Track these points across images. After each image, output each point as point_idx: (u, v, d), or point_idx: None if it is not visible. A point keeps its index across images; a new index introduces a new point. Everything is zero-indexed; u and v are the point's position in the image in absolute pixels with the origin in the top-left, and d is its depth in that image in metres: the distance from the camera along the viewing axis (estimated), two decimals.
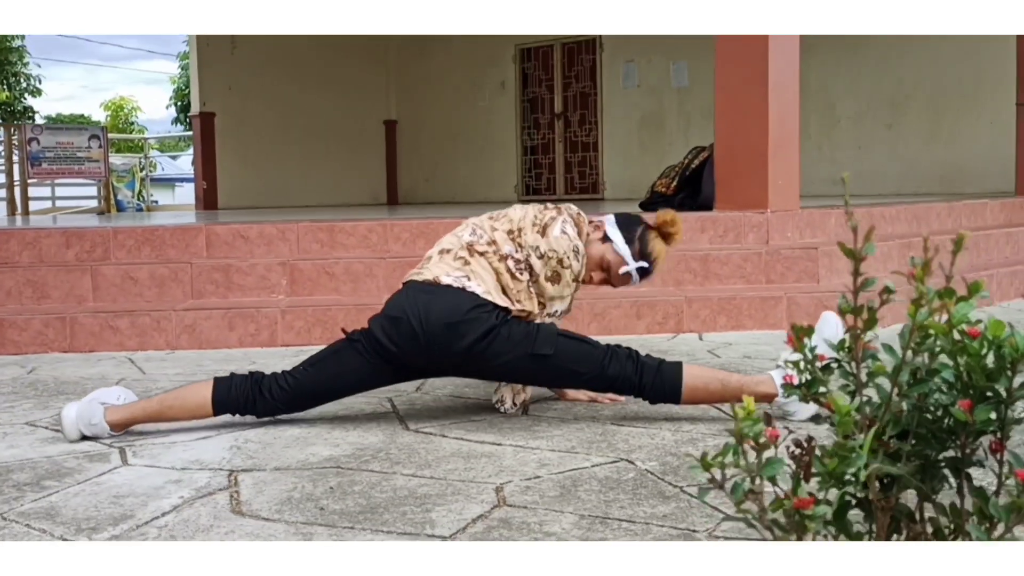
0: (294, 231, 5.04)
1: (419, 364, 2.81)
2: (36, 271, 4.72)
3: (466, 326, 2.71)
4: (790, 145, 5.27)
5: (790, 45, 5.24)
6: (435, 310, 2.73)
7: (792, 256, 4.87)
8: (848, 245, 1.22)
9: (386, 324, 2.78)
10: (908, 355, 1.11)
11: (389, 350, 2.76)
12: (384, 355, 2.78)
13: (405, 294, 2.83)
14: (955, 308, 1.08)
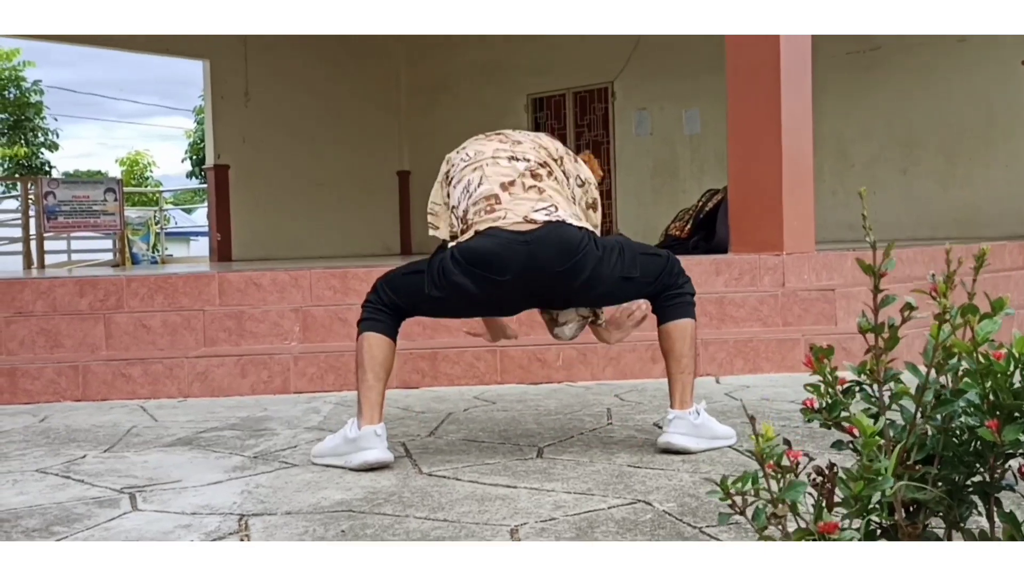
0: (307, 278, 5.03)
1: (513, 298, 2.86)
2: (50, 320, 4.71)
3: (583, 261, 2.76)
4: (804, 186, 5.25)
5: (803, 84, 5.24)
6: (548, 255, 2.73)
7: (809, 298, 4.83)
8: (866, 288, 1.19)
9: (482, 266, 2.75)
10: (932, 375, 1.07)
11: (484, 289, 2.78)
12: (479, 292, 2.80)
13: (503, 241, 2.75)
14: (979, 326, 1.05)
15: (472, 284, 2.76)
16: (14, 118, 18.49)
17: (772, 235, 5.14)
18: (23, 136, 18.37)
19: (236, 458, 3.08)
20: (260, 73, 13.70)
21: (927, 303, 1.15)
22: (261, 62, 13.67)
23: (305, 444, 3.23)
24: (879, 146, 11.37)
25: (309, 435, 3.41)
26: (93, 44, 13.39)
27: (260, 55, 13.63)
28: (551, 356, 4.49)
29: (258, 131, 13.78)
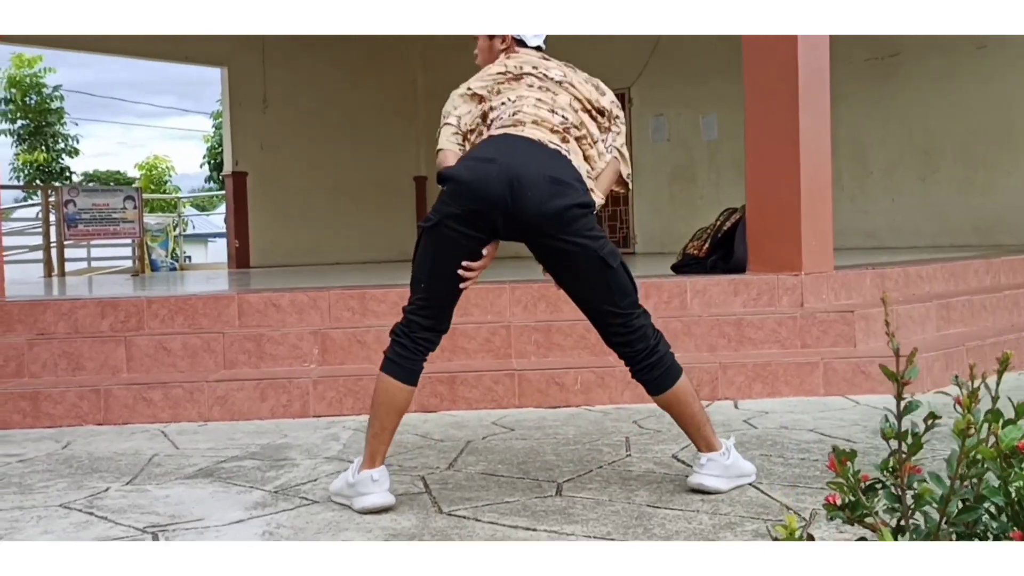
0: (325, 299, 5.04)
1: (495, 220, 2.78)
2: (72, 343, 4.75)
3: (570, 188, 2.78)
4: (823, 206, 5.23)
5: (820, 102, 5.22)
6: (540, 161, 2.77)
7: (828, 320, 4.81)
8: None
9: (474, 166, 2.77)
10: (956, 485, 1.07)
11: (470, 207, 2.74)
12: (465, 217, 2.76)
13: (501, 141, 2.83)
14: (1003, 432, 1.04)
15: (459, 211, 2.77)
16: (35, 124, 18.60)
17: (790, 255, 5.13)
18: (44, 142, 18.48)
19: (257, 492, 3.09)
20: (278, 80, 13.74)
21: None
22: (279, 69, 13.71)
23: (325, 477, 3.24)
24: (898, 152, 11.32)
25: (329, 467, 3.42)
26: (113, 52, 13.46)
27: (278, 62, 13.68)
28: (569, 380, 4.49)
29: (276, 138, 13.83)
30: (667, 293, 5.11)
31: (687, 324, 4.81)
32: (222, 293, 5.08)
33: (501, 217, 2.76)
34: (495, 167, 2.75)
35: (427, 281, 2.85)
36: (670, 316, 4.87)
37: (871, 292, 5.51)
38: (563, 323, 4.79)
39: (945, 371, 4.73)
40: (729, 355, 4.70)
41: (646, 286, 5.10)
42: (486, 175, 2.74)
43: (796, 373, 4.54)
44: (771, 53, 5.16)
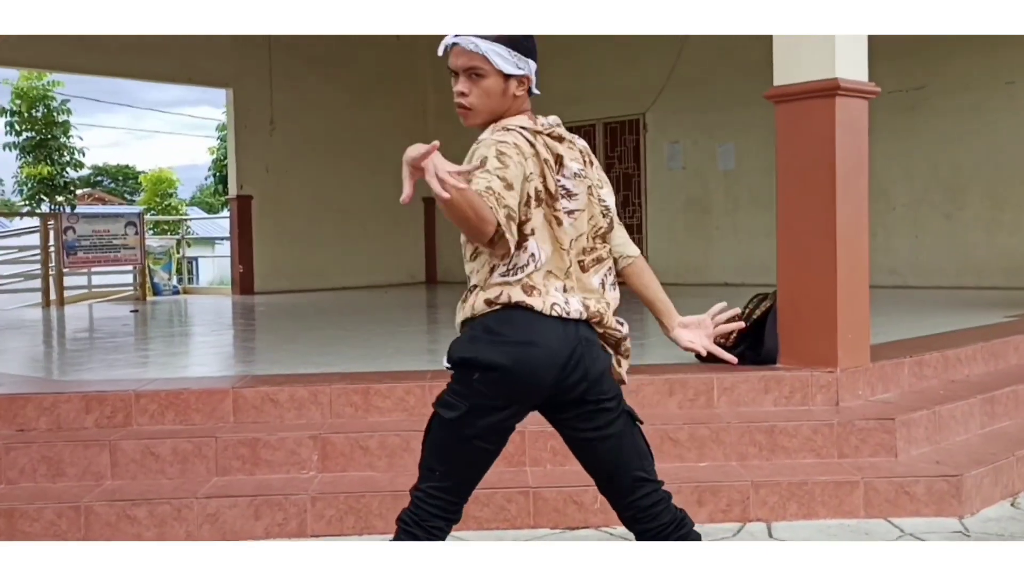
0: (326, 393, 4.71)
1: (538, 402, 2.49)
2: (52, 447, 4.41)
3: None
4: (860, 297, 4.88)
5: (860, 190, 4.87)
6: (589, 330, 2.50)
7: (867, 427, 4.46)
8: None
9: (514, 352, 2.37)
10: None
11: (511, 399, 2.42)
12: (503, 406, 2.42)
13: (538, 320, 2.40)
14: None
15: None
16: (40, 137, 18.29)
17: (825, 349, 4.78)
18: (48, 155, 18.17)
19: None
20: (284, 101, 13.41)
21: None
22: (286, 90, 13.37)
23: None
24: (922, 188, 10.93)
25: None
26: (119, 75, 13.14)
27: (284, 83, 13.34)
28: (588, 499, 4.15)
29: (282, 160, 13.50)
30: (692, 390, 4.76)
31: (716, 431, 4.47)
32: (216, 388, 4.75)
33: (545, 398, 2.46)
34: (541, 352, 2.38)
35: (446, 470, 2.48)
36: (697, 421, 4.52)
37: (909, 383, 5.17)
38: None
39: (995, 486, 4.39)
40: (761, 469, 4.35)
41: (669, 382, 4.76)
42: (532, 364, 2.38)
43: (834, 493, 4.19)
44: (807, 135, 4.81)
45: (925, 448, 4.59)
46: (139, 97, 73.77)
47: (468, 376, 2.40)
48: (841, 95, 4.71)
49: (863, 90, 4.84)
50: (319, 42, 12.96)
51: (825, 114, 4.73)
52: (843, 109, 4.73)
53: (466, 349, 2.42)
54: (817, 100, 4.75)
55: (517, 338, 2.38)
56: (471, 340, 2.43)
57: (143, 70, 12.84)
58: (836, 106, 4.70)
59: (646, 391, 4.74)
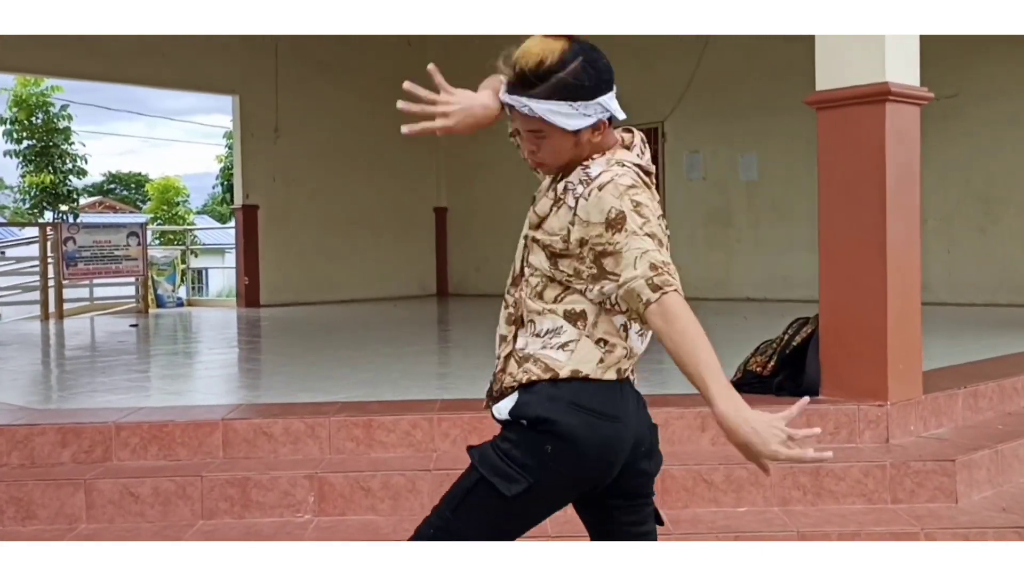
0: (325, 427, 4.29)
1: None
2: (22, 486, 4.01)
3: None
4: (912, 323, 4.44)
5: (911, 204, 4.44)
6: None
7: (924, 470, 4.02)
8: None
9: (598, 424, 2.01)
10: None
11: (585, 477, 2.06)
12: (574, 485, 2.07)
13: (627, 390, 2.12)
14: None
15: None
16: (41, 144, 17.95)
17: (874, 382, 4.34)
18: (50, 163, 17.83)
19: None
20: (291, 108, 13.03)
21: None
22: (292, 96, 13.00)
23: None
24: (955, 201, 10.46)
25: None
26: (125, 81, 12.78)
27: (291, 89, 12.96)
28: None
29: (289, 169, 13.12)
30: None
31: (754, 472, 4.02)
32: (204, 420, 4.33)
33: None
34: (624, 429, 2.05)
35: (470, 535, 2.02)
36: (733, 460, 4.08)
37: (963, 416, 4.73)
38: None
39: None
40: (807, 517, 3.90)
41: (702, 416, 4.32)
42: (616, 441, 2.03)
43: None
44: (854, 144, 4.38)
45: (988, 492, 4.15)
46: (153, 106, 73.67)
47: (539, 444, 1.99)
48: (892, 101, 4.28)
49: (915, 95, 4.41)
50: (326, 47, 12.61)
51: (874, 121, 4.29)
52: (894, 116, 4.30)
53: (546, 408, 1.99)
54: (865, 106, 4.32)
55: (604, 409, 2.03)
56: (551, 399, 2.00)
57: (148, 76, 12.48)
58: (887, 113, 4.27)
59: (675, 426, 4.30)
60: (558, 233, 1.99)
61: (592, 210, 1.94)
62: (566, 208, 1.99)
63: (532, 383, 2.02)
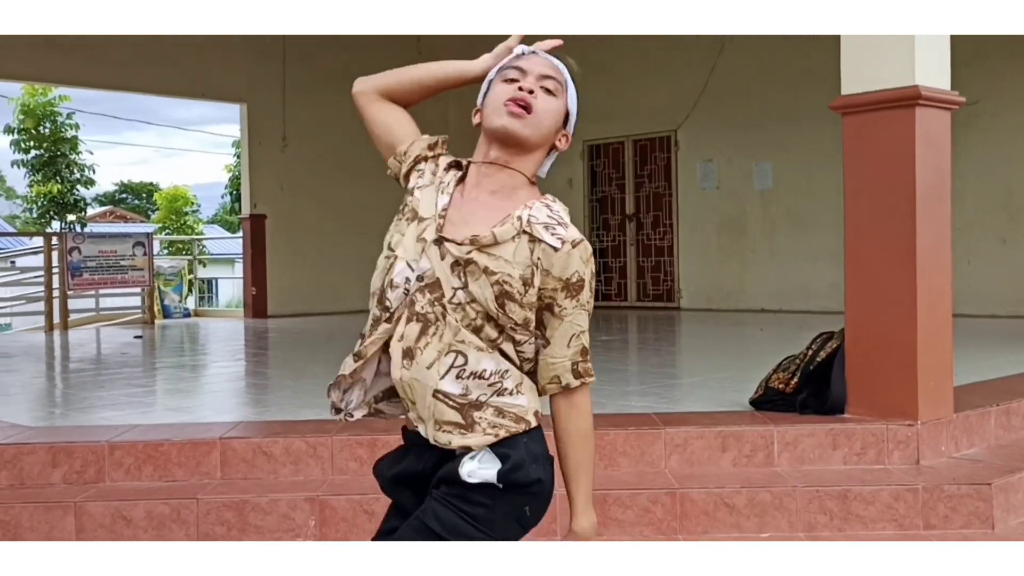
0: (327, 446, 4.11)
1: None
2: (9, 509, 3.83)
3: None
4: (943, 338, 4.24)
5: (942, 212, 4.24)
6: None
7: (958, 494, 3.80)
8: None
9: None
10: None
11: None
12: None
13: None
14: None
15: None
16: (49, 154, 17.85)
17: (903, 400, 4.13)
18: (57, 172, 17.72)
19: None
20: (299, 117, 12.88)
21: None
22: (300, 105, 12.85)
23: None
24: (975, 210, 10.23)
25: None
26: (131, 90, 12.63)
27: (299, 97, 12.81)
28: None
29: (297, 177, 12.96)
30: (749, 445, 4.12)
31: (778, 496, 3.82)
32: (202, 439, 4.14)
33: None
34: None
35: None
36: (756, 483, 3.88)
37: (996, 435, 4.52)
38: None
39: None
40: (833, 542, 3.69)
41: (722, 436, 4.12)
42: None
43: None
44: (881, 151, 4.18)
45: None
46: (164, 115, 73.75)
47: (519, 506, 1.84)
48: (922, 105, 4.07)
49: (947, 99, 4.22)
50: (334, 56, 12.46)
51: (903, 127, 4.10)
52: (924, 121, 4.11)
53: (537, 468, 1.83)
54: (894, 111, 4.12)
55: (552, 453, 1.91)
56: (534, 457, 1.83)
57: (156, 85, 12.36)
58: (916, 118, 4.06)
59: (695, 446, 4.10)
60: (517, 270, 1.80)
61: (558, 264, 1.82)
62: (528, 243, 1.82)
63: (505, 439, 1.81)
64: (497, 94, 1.91)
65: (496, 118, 1.88)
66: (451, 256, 1.83)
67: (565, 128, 1.96)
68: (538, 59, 1.95)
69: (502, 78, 1.93)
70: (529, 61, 1.94)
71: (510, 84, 1.91)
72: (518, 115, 1.87)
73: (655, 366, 6.95)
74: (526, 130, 1.88)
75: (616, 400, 4.98)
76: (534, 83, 1.90)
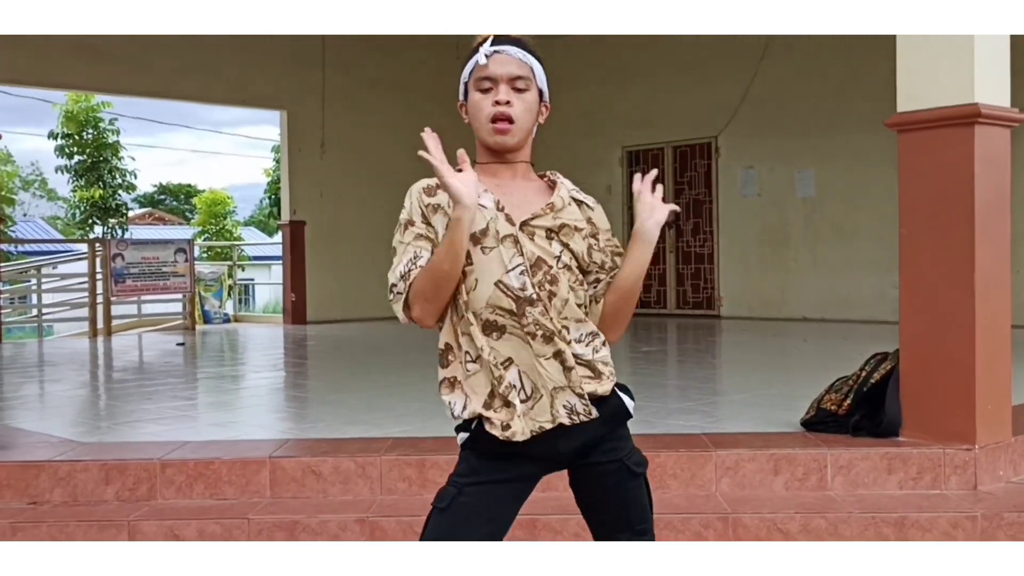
0: (376, 466, 4.10)
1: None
2: (64, 527, 3.85)
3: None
4: (1003, 359, 4.16)
5: (1002, 232, 4.15)
6: None
7: (1019, 521, 3.73)
8: None
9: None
10: None
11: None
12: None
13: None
14: None
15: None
16: (91, 160, 18.07)
17: (960, 422, 4.06)
18: (100, 178, 17.93)
19: None
20: (338, 123, 12.94)
21: None
22: (339, 112, 12.90)
23: None
24: None
25: None
26: (173, 97, 12.76)
27: (338, 104, 12.87)
28: None
29: (336, 184, 13.02)
30: (802, 468, 4.06)
31: (833, 522, 3.76)
32: (251, 458, 4.15)
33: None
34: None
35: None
36: (810, 509, 3.82)
37: None
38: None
39: None
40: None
41: (775, 458, 4.06)
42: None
43: None
44: (939, 169, 4.11)
45: None
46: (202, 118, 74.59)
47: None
48: (982, 123, 4.00)
49: (1007, 117, 4.13)
50: (373, 63, 12.52)
51: (963, 145, 4.02)
52: (983, 139, 4.03)
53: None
54: (953, 129, 4.05)
55: None
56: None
57: (198, 93, 12.49)
58: (976, 136, 3.99)
59: (747, 468, 4.05)
60: (585, 226, 2.14)
61: (597, 218, 2.18)
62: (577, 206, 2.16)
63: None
64: (478, 107, 2.12)
65: (487, 136, 2.11)
66: (541, 230, 2.07)
67: (542, 101, 2.17)
68: (502, 59, 2.11)
69: (476, 87, 2.12)
70: (496, 64, 2.10)
71: (485, 95, 2.11)
72: (503, 131, 2.09)
73: (699, 380, 6.89)
74: (515, 139, 2.11)
75: (662, 419, 4.94)
76: (506, 91, 2.10)
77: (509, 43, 2.12)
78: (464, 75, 2.15)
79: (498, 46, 2.11)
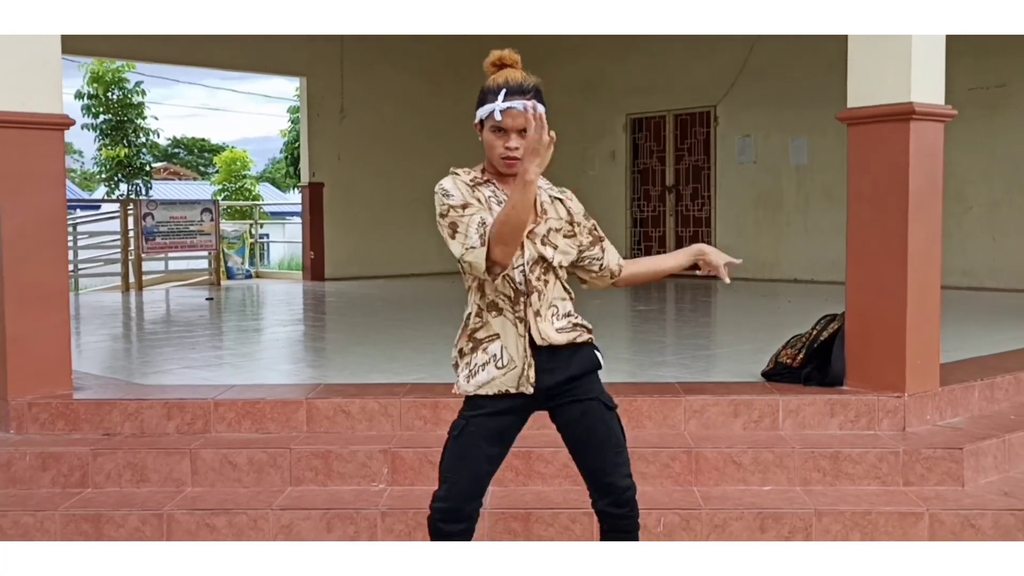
0: (396, 407, 4.83)
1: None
2: (136, 453, 4.60)
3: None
4: (931, 324, 4.86)
5: (932, 212, 4.83)
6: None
7: (934, 456, 4.45)
8: None
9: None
10: None
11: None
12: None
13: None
14: None
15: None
16: (116, 119, 18.77)
17: (893, 375, 4.77)
18: (124, 137, 18.64)
19: None
20: (356, 90, 13.58)
21: None
22: (357, 78, 13.54)
23: None
24: (1001, 190, 10.71)
25: None
26: (197, 64, 13.43)
27: (356, 71, 13.51)
28: (651, 521, 4.21)
29: (354, 148, 13.69)
30: (757, 412, 4.79)
31: (779, 455, 4.50)
32: (290, 399, 4.90)
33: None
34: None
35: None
36: (761, 444, 4.55)
37: (979, 407, 5.13)
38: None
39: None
40: (825, 496, 4.36)
41: (735, 403, 4.79)
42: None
43: (899, 524, 4.20)
44: (880, 160, 4.79)
45: (993, 477, 4.57)
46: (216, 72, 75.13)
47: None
48: (916, 119, 4.67)
49: (939, 113, 4.79)
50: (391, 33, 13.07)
51: (899, 139, 4.70)
52: (918, 134, 4.70)
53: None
54: (891, 124, 4.73)
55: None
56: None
57: (221, 60, 13.14)
58: (911, 131, 4.66)
59: (711, 412, 4.78)
60: (564, 220, 2.87)
61: (574, 208, 2.93)
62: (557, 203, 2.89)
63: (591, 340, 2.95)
64: (491, 144, 2.76)
65: (499, 166, 2.78)
66: (537, 237, 2.78)
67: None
68: (513, 113, 2.70)
69: (490, 129, 2.75)
70: (508, 119, 2.71)
71: (498, 137, 2.74)
72: (511, 166, 2.73)
73: (687, 337, 7.61)
74: (520, 168, 2.63)
75: (645, 370, 5.67)
76: (515, 140, 2.71)
77: (519, 93, 2.71)
78: (480, 113, 2.77)
79: (511, 101, 2.69)
